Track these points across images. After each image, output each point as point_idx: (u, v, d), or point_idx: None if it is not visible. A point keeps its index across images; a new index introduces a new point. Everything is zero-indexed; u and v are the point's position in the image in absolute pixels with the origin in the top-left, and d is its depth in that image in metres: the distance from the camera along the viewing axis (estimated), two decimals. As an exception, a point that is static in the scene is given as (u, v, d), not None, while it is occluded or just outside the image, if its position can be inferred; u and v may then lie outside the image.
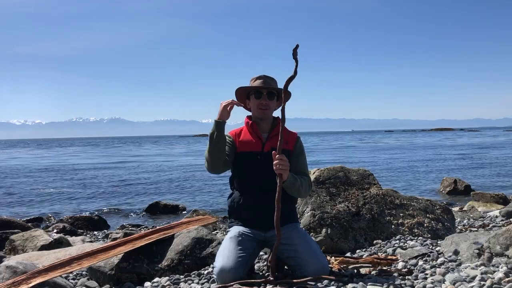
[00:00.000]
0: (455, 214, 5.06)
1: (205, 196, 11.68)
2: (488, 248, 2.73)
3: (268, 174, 2.58)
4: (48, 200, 11.70)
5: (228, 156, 2.63)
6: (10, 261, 3.09)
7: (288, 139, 2.69)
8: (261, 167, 2.61)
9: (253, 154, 2.64)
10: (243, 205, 2.66)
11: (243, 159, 2.66)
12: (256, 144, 2.67)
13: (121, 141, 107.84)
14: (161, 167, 22.13)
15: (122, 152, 42.19)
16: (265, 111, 2.68)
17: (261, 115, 2.69)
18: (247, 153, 2.65)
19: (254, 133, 2.70)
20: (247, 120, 2.78)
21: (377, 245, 3.45)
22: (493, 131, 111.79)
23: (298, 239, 2.55)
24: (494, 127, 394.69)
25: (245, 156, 2.65)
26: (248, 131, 2.72)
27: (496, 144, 37.78)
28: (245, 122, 2.79)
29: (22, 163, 28.50)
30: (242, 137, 2.70)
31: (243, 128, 2.76)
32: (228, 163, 2.64)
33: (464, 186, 10.51)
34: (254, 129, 2.70)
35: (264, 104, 2.66)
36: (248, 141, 2.68)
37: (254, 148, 2.65)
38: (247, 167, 2.65)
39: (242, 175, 2.69)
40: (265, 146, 2.65)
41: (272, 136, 2.69)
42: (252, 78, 2.74)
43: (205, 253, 3.14)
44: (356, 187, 3.93)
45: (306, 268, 2.42)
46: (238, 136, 2.71)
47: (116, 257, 3.11)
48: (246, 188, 2.67)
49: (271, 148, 2.60)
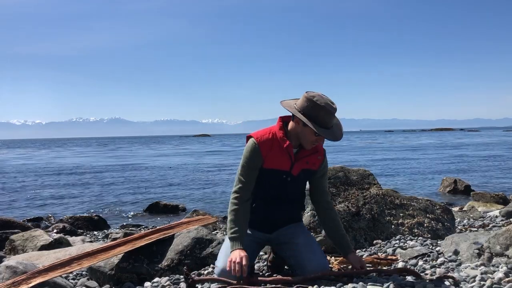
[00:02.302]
0: (455, 214, 5.06)
1: (205, 196, 11.69)
2: (488, 248, 2.73)
3: (290, 193, 2.55)
4: (48, 200, 11.70)
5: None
6: (10, 261, 3.09)
7: (314, 160, 2.52)
8: (285, 187, 2.52)
9: (280, 172, 2.48)
10: (254, 211, 2.56)
11: (269, 175, 2.48)
12: (285, 162, 2.47)
13: (122, 141, 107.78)
14: (161, 167, 22.13)
15: (122, 152, 42.18)
16: (314, 146, 2.51)
17: (309, 147, 2.47)
18: (274, 170, 2.47)
19: (286, 152, 2.45)
20: (283, 137, 2.45)
21: (377, 245, 3.45)
22: (493, 131, 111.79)
23: (300, 238, 2.54)
24: (494, 127, 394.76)
25: (271, 173, 2.48)
26: (280, 147, 2.46)
27: (496, 144, 37.78)
28: (279, 136, 2.46)
29: (22, 163, 28.49)
30: (272, 152, 2.45)
31: (273, 139, 2.46)
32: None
33: (464, 186, 10.52)
34: (288, 150, 2.45)
35: (320, 142, 2.48)
36: (278, 158, 2.46)
37: (283, 167, 2.47)
38: (271, 183, 2.51)
39: (261, 187, 2.53)
40: (294, 168, 2.48)
41: (302, 157, 2.49)
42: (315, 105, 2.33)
43: (205, 253, 3.14)
44: (356, 187, 3.93)
45: (306, 267, 2.41)
46: (268, 149, 2.45)
47: (116, 257, 3.11)
48: (262, 198, 2.55)
49: (300, 171, 2.48)
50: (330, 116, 2.35)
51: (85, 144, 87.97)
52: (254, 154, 2.44)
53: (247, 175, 2.46)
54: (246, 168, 2.46)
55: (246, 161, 2.46)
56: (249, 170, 2.46)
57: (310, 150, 2.49)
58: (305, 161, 2.49)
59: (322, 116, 2.33)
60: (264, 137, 2.45)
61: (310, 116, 2.33)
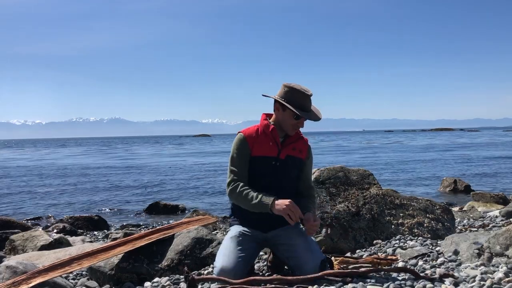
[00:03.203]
0: (455, 214, 5.06)
1: (205, 196, 11.69)
2: (488, 248, 2.73)
3: (281, 180, 2.59)
4: (48, 200, 11.70)
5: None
6: (10, 261, 3.09)
7: (301, 146, 2.66)
8: (275, 172, 2.58)
9: (269, 159, 2.58)
10: None
11: (258, 163, 2.58)
12: (272, 149, 2.58)
13: (122, 141, 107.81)
14: (161, 167, 22.13)
15: (122, 152, 42.18)
16: (297, 130, 2.64)
17: (292, 132, 2.62)
18: (262, 157, 2.58)
19: (272, 138, 2.60)
20: (267, 123, 2.63)
21: (377, 245, 3.45)
22: (493, 131, 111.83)
23: (298, 239, 2.54)
24: (494, 127, 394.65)
25: (260, 161, 2.58)
26: (266, 134, 2.61)
27: (496, 144, 37.77)
28: (263, 124, 2.64)
29: (22, 163, 28.49)
30: (259, 140, 2.59)
31: (259, 130, 2.63)
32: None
33: (464, 186, 10.53)
34: (273, 135, 2.60)
35: (300, 126, 2.62)
36: (265, 145, 2.59)
37: (270, 153, 2.58)
38: (261, 171, 2.59)
39: (253, 178, 2.61)
40: (281, 153, 2.59)
41: (288, 143, 2.62)
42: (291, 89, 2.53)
43: (205, 253, 3.14)
44: (356, 187, 3.93)
45: (305, 268, 2.41)
46: (255, 138, 2.59)
47: (116, 257, 3.11)
48: (256, 190, 2.58)
49: (286, 156, 2.57)
50: (306, 99, 2.54)
51: (85, 144, 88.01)
52: (241, 144, 2.59)
53: (239, 164, 2.57)
54: (235, 158, 2.58)
55: (234, 152, 2.59)
56: (239, 159, 2.57)
57: (294, 137, 2.64)
58: (291, 147, 2.61)
59: (299, 99, 2.53)
60: (249, 130, 2.64)
61: (288, 100, 2.53)
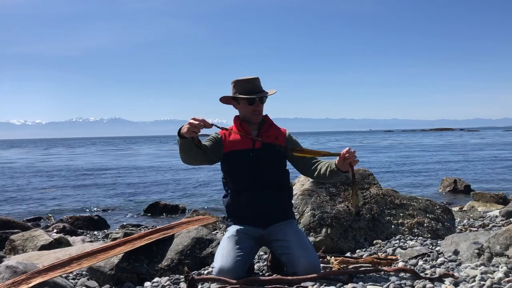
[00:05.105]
0: (455, 214, 5.06)
1: (205, 196, 11.70)
2: (488, 248, 2.73)
3: (263, 171, 2.61)
4: (48, 200, 11.71)
5: (207, 153, 2.59)
6: (10, 261, 3.09)
7: (275, 133, 2.72)
8: (254, 164, 2.61)
9: (245, 151, 2.63)
10: (240, 204, 2.64)
11: (235, 158, 2.64)
12: (246, 141, 2.65)
13: (122, 141, 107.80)
14: (161, 167, 22.14)
15: (122, 152, 42.19)
16: (258, 115, 2.70)
17: (255, 119, 2.69)
18: (238, 151, 2.64)
19: (244, 132, 2.67)
20: (236, 121, 2.76)
21: (377, 245, 3.45)
22: (493, 131, 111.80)
23: (292, 236, 2.54)
24: (494, 127, 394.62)
25: (236, 155, 2.64)
26: (237, 130, 2.69)
27: (496, 144, 37.78)
28: (234, 122, 2.77)
29: (22, 163, 28.50)
30: (232, 136, 2.68)
31: (230, 129, 2.71)
32: (204, 159, 2.59)
33: (464, 186, 10.53)
34: (244, 128, 2.68)
35: (258, 110, 2.67)
36: (238, 139, 2.66)
37: (245, 145, 2.64)
38: (240, 165, 2.63)
39: (236, 174, 2.67)
40: (256, 143, 2.63)
41: (262, 133, 2.69)
42: (236, 82, 2.69)
43: (205, 253, 3.14)
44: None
45: (297, 265, 2.41)
46: (227, 135, 2.69)
47: (116, 257, 3.11)
48: (241, 187, 2.64)
49: (262, 144, 2.60)
50: (251, 83, 2.66)
51: (85, 144, 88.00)
52: (215, 135, 2.71)
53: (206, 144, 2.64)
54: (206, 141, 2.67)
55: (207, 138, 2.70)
56: (208, 141, 2.66)
57: (265, 127, 2.72)
58: (264, 136, 2.66)
59: (244, 86, 2.65)
60: (222, 130, 2.70)
61: (237, 91, 2.67)
